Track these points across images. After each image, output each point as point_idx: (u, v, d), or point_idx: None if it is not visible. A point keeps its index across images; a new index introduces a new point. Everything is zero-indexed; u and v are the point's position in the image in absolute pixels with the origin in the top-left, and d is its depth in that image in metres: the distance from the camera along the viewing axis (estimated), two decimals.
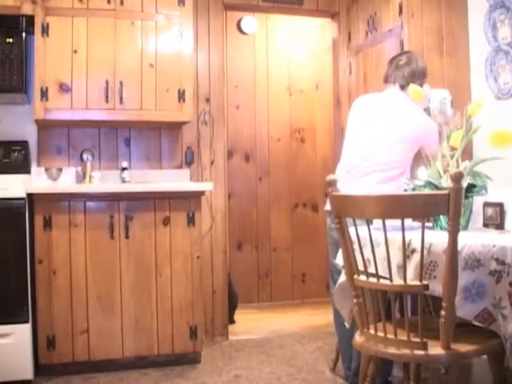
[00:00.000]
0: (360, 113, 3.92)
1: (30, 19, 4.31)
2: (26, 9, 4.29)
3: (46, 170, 4.57)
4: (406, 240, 2.57)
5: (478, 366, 4.10)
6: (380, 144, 3.66)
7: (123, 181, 4.76)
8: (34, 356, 4.04)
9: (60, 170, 4.59)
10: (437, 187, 2.97)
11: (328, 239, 3.93)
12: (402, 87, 3.74)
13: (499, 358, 2.71)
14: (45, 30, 4.34)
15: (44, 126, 4.68)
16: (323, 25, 6.37)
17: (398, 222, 2.49)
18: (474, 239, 2.57)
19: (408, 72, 3.76)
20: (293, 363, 4.43)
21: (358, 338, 2.80)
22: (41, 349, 4.07)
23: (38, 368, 4.09)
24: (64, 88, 4.40)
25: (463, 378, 4.08)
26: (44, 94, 4.34)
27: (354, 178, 3.67)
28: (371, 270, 2.67)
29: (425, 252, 2.53)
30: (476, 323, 2.54)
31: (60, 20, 4.39)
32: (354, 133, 3.91)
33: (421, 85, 3.72)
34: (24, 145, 4.60)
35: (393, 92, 3.82)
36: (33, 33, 4.35)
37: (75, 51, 4.42)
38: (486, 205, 3.02)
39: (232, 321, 5.51)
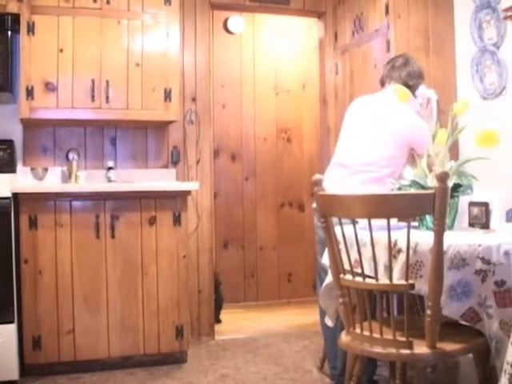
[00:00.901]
0: (354, 115, 3.95)
1: (16, 18, 4.30)
2: (12, 7, 4.27)
3: (32, 169, 4.55)
4: (392, 240, 2.58)
5: (465, 364, 4.12)
6: (370, 143, 3.69)
7: (109, 180, 4.75)
8: (20, 356, 4.02)
9: (46, 169, 4.57)
10: (423, 187, 2.98)
11: (316, 237, 3.94)
12: None
13: (485, 356, 2.73)
14: (30, 29, 4.32)
15: (30, 125, 4.66)
16: (310, 24, 6.38)
17: (384, 222, 2.49)
18: (460, 239, 2.58)
19: (404, 73, 3.79)
20: (279, 362, 4.43)
21: (344, 337, 2.81)
22: (26, 349, 4.05)
23: (24, 368, 4.08)
24: (50, 87, 4.38)
25: (449, 377, 4.10)
26: (30, 92, 4.33)
27: (342, 177, 3.69)
28: (359, 269, 2.67)
29: (411, 252, 2.54)
30: (462, 322, 2.55)
31: (46, 19, 4.37)
32: (346, 134, 3.93)
33: (416, 85, 3.75)
34: (9, 144, 4.58)
35: (386, 93, 3.84)
36: (18, 31, 4.33)
37: (61, 50, 4.41)
38: (472, 204, 3.03)
39: (218, 320, 5.50)
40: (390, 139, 3.64)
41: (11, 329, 3.90)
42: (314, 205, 3.72)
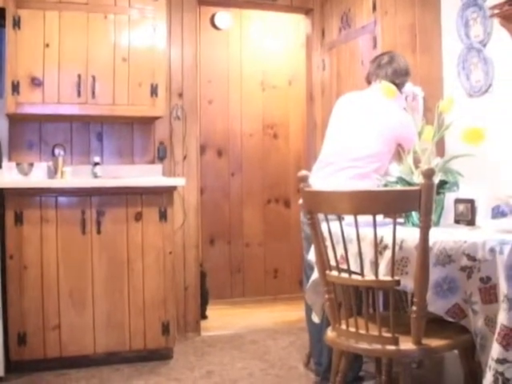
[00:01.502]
0: (340, 111, 3.96)
1: (1, 12, 4.26)
2: None
3: (17, 164, 4.52)
4: (378, 236, 2.58)
5: (450, 360, 4.14)
6: (357, 140, 3.70)
7: (95, 176, 4.73)
8: (5, 352, 4.00)
9: (31, 164, 4.54)
10: (409, 183, 2.99)
11: (302, 234, 3.95)
12: None
13: (470, 352, 2.75)
14: (16, 23, 4.29)
15: (15, 120, 4.64)
16: (297, 21, 6.37)
17: (369, 218, 2.50)
18: (446, 235, 2.59)
19: (390, 71, 3.81)
20: (265, 358, 4.43)
21: (330, 333, 2.81)
22: (12, 345, 4.04)
23: (9, 365, 4.06)
24: (36, 82, 4.36)
25: (435, 373, 4.11)
26: (15, 88, 4.30)
27: (329, 173, 3.70)
28: (345, 266, 2.68)
29: (397, 248, 2.55)
30: (447, 318, 2.56)
31: (32, 13, 4.35)
32: (333, 130, 3.94)
33: (403, 83, 3.77)
34: None
35: (373, 90, 3.85)
36: (4, 26, 4.30)
37: (47, 45, 4.38)
38: (458, 201, 3.04)
39: (204, 316, 5.50)
40: (378, 135, 3.66)
41: None
42: (301, 201, 3.74)
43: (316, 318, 3.43)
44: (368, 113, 3.77)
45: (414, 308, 2.48)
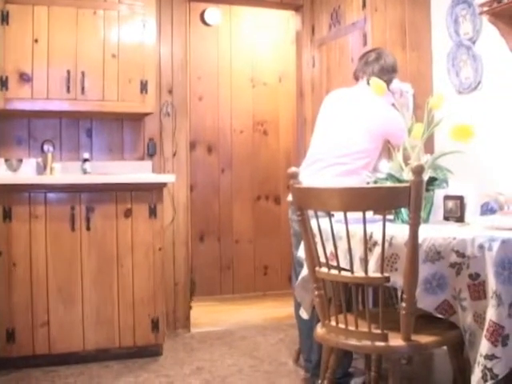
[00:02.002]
0: (328, 107, 3.97)
1: None
2: None
3: (6, 161, 4.50)
4: (368, 233, 2.58)
5: (439, 356, 4.15)
6: (344, 136, 3.70)
7: (84, 172, 4.72)
8: None
9: (20, 160, 4.52)
10: (398, 180, 2.99)
11: (291, 230, 3.95)
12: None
13: (459, 348, 2.76)
14: (4, 18, 4.28)
15: (4, 116, 4.61)
16: (287, 17, 6.38)
17: (359, 215, 2.50)
18: (435, 232, 2.59)
19: (377, 68, 3.81)
20: (255, 355, 4.44)
21: (320, 329, 2.81)
22: (0, 342, 4.02)
23: None
24: (24, 78, 4.34)
25: (424, 369, 4.13)
26: (4, 83, 4.28)
27: (317, 170, 3.70)
28: (334, 262, 2.68)
29: (386, 245, 2.55)
30: (436, 315, 2.56)
31: (20, 8, 4.33)
32: (320, 127, 3.94)
33: (390, 80, 3.77)
34: None
35: (360, 86, 3.86)
36: None
37: (36, 40, 4.37)
38: (447, 198, 3.05)
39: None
40: (365, 132, 3.66)
41: None
42: (289, 198, 3.74)
43: (304, 314, 3.43)
44: (355, 109, 3.77)
45: (404, 304, 2.48)
